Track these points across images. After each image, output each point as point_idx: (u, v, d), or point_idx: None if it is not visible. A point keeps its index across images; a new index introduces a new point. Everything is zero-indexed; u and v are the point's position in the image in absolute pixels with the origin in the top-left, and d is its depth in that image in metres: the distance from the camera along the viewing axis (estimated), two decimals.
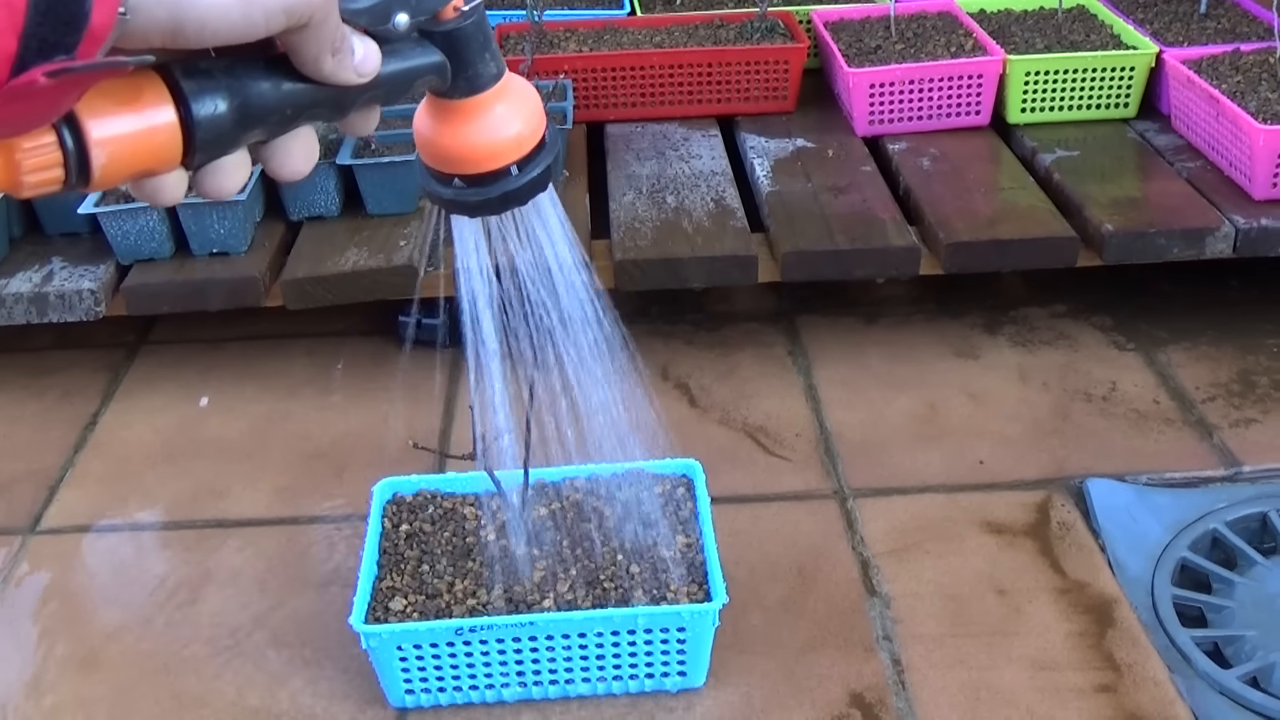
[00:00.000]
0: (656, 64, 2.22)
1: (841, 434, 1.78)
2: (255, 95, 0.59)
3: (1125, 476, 1.67)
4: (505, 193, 0.73)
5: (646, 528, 1.40)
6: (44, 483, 1.74)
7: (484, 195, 0.73)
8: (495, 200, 0.73)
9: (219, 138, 0.58)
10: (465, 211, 0.75)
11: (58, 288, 1.78)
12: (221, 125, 0.58)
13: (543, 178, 0.74)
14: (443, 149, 0.72)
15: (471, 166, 0.72)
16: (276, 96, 0.60)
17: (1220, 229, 1.83)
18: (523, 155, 0.73)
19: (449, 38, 0.67)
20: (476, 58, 0.68)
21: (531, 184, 0.74)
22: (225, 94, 0.57)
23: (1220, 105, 1.94)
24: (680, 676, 1.35)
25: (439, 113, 0.71)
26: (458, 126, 0.71)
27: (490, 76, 0.70)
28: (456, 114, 0.70)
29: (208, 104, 0.57)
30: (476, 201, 0.73)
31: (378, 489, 1.45)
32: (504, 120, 0.71)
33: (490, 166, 0.72)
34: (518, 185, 0.73)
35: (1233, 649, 1.41)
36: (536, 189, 0.74)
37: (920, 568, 1.53)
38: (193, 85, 0.56)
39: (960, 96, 2.15)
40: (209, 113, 0.57)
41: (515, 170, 0.73)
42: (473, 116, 0.70)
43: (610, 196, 1.99)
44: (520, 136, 0.72)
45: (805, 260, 1.84)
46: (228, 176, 0.61)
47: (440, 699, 1.34)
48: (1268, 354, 1.93)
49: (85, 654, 1.45)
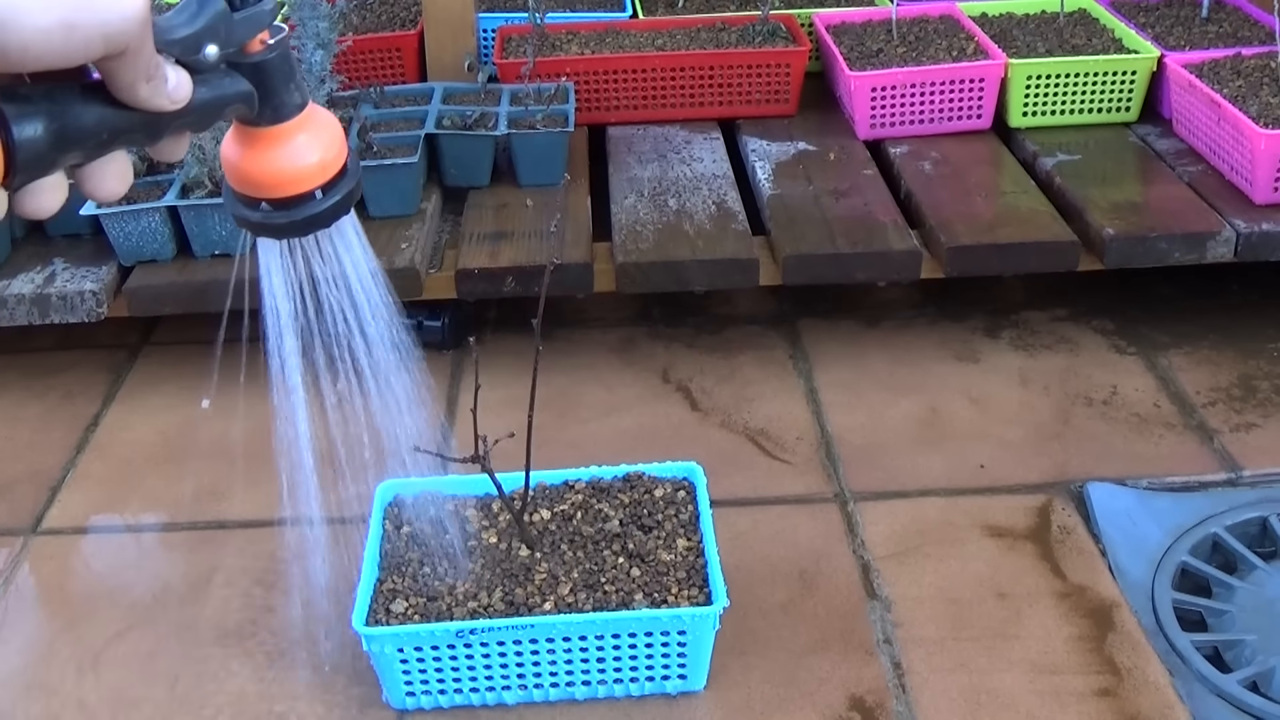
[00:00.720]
0: (658, 67, 2.22)
1: (842, 437, 1.78)
2: (73, 120, 0.61)
3: (1126, 480, 1.67)
4: (309, 216, 0.77)
5: (647, 530, 1.40)
6: (45, 484, 1.74)
7: (290, 218, 0.77)
8: (300, 223, 0.77)
9: (37, 159, 0.60)
10: (271, 234, 0.80)
11: (60, 289, 1.78)
12: (39, 148, 0.60)
13: (346, 201, 0.79)
14: (250, 174, 0.75)
15: (278, 191, 0.76)
16: (93, 121, 0.62)
17: (1221, 233, 1.83)
18: (326, 180, 0.77)
19: (256, 69, 0.71)
20: (282, 88, 0.73)
21: (335, 207, 0.78)
22: (44, 118, 0.60)
23: (1221, 109, 1.94)
24: (680, 679, 1.35)
25: (246, 140, 0.74)
26: (264, 152, 0.74)
27: (294, 106, 0.74)
28: (263, 141, 0.74)
29: (27, 127, 0.59)
30: (283, 224, 0.77)
31: (379, 491, 1.45)
32: (307, 147, 0.75)
33: (295, 191, 0.76)
34: (322, 208, 0.77)
35: (1233, 653, 1.41)
36: (339, 212, 0.79)
37: (921, 571, 1.53)
38: (13, 109, 0.59)
39: (962, 100, 2.16)
40: (28, 135, 0.59)
41: (320, 194, 0.77)
42: (278, 143, 0.74)
43: (612, 199, 2.00)
44: (323, 162, 0.76)
45: (806, 263, 1.84)
46: (45, 197, 0.63)
47: (441, 701, 1.34)
48: (1268, 358, 1.93)
49: (86, 655, 1.45)
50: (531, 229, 1.91)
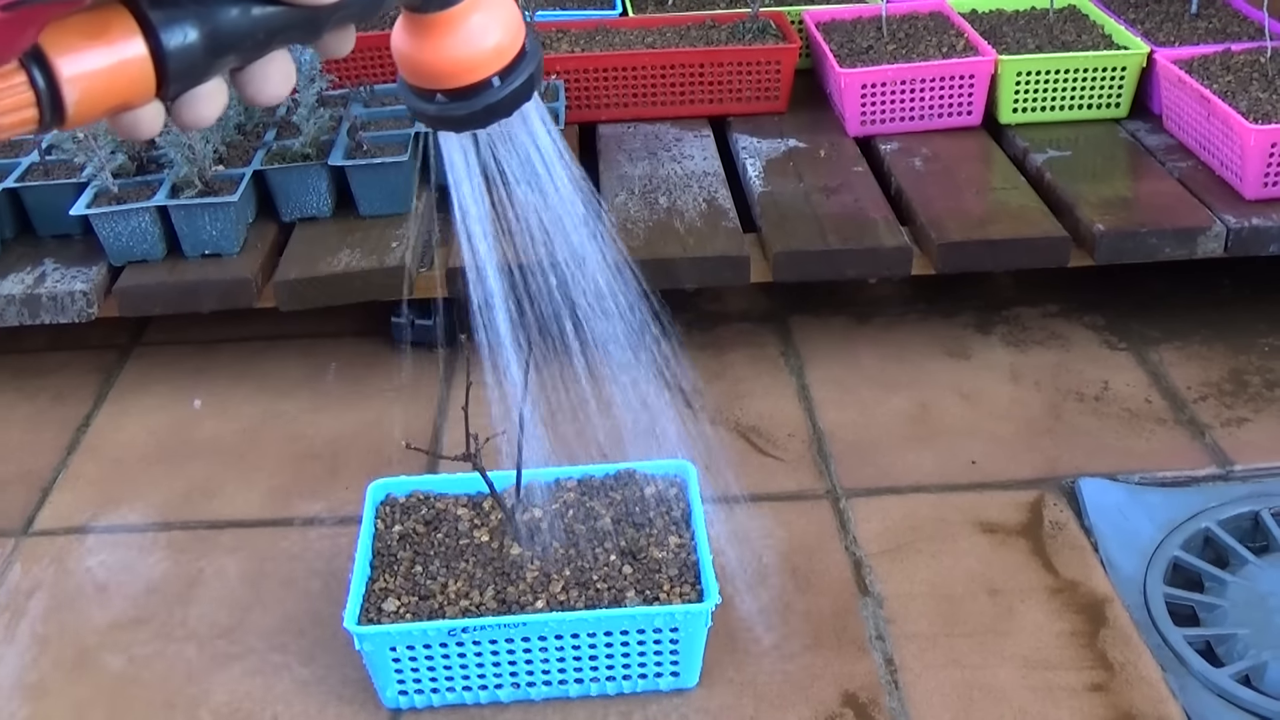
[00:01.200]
0: (648, 65, 2.22)
1: (834, 434, 1.78)
2: (225, 21, 0.58)
3: (1117, 476, 1.67)
4: (489, 104, 0.72)
5: (639, 528, 1.40)
6: (36, 484, 1.74)
7: (468, 109, 0.72)
8: (480, 113, 0.72)
9: (191, 67, 0.57)
10: (451, 126, 0.74)
11: (50, 289, 1.78)
12: (193, 54, 0.57)
13: (526, 87, 0.73)
14: (422, 65, 0.70)
15: (453, 80, 0.71)
16: (247, 21, 0.59)
17: (1211, 229, 1.83)
18: (504, 66, 0.71)
19: None
20: None
21: (515, 94, 0.73)
22: (194, 22, 0.57)
23: (1211, 105, 1.94)
24: (673, 677, 1.35)
25: (416, 28, 0.70)
26: (435, 41, 0.69)
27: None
28: (433, 28, 0.69)
29: (177, 34, 0.56)
30: (461, 116, 0.72)
31: (371, 490, 1.45)
32: (482, 31, 0.70)
33: (472, 79, 0.71)
34: (501, 96, 0.72)
35: (1225, 648, 1.41)
36: (521, 99, 0.73)
37: (913, 567, 1.53)
38: (160, 15, 0.56)
39: (952, 97, 2.16)
40: (179, 42, 0.56)
41: (498, 81, 0.71)
42: (450, 29, 0.69)
43: (602, 197, 1.99)
44: (500, 46, 0.71)
45: (797, 260, 1.84)
46: (205, 105, 0.60)
47: (434, 700, 1.34)
48: (1259, 353, 1.94)
49: (78, 656, 1.45)
50: None
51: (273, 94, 0.63)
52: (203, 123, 0.61)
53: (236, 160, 1.93)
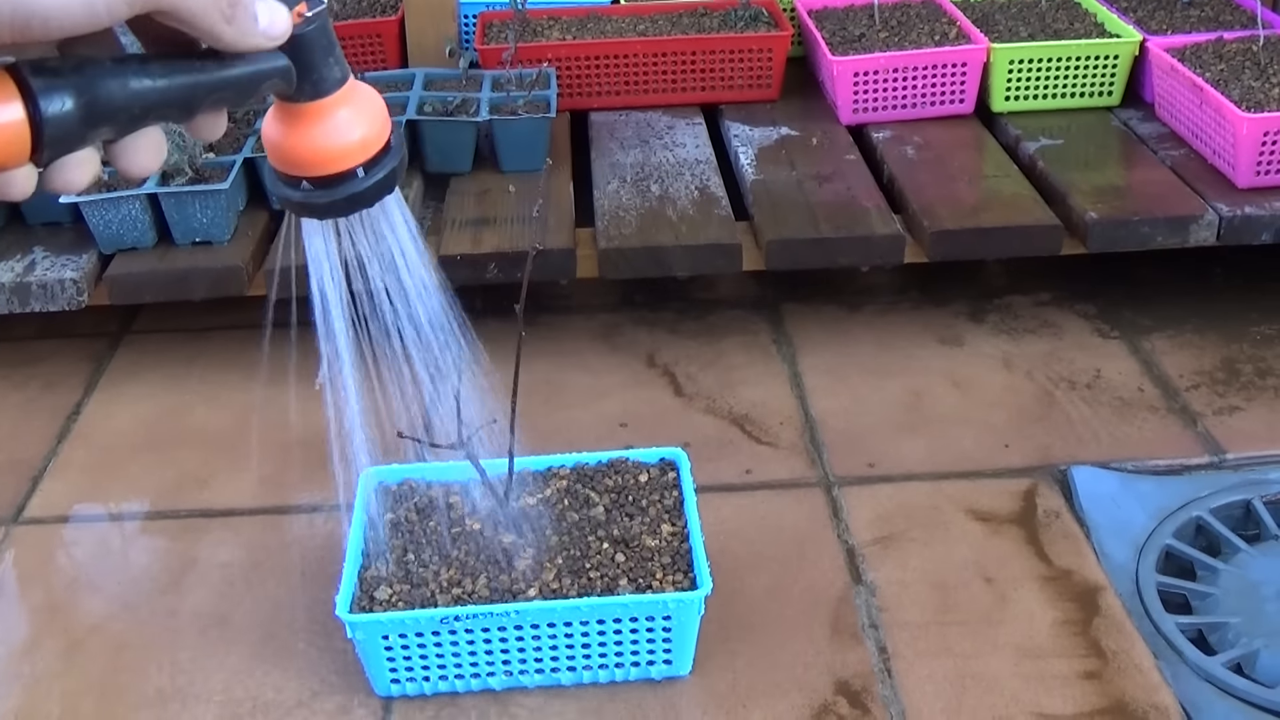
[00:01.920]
0: (640, 52, 2.22)
1: (826, 422, 1.78)
2: (103, 94, 0.59)
3: (1110, 464, 1.67)
4: (351, 194, 0.75)
5: (631, 516, 1.40)
6: (27, 473, 1.73)
7: (331, 197, 0.75)
8: (342, 202, 0.75)
9: (66, 135, 0.59)
10: (314, 214, 0.77)
11: (40, 277, 1.77)
12: (69, 123, 0.58)
13: (389, 179, 0.76)
14: (290, 152, 0.73)
15: (318, 169, 0.73)
16: (124, 95, 0.60)
17: (1204, 217, 1.83)
18: (369, 158, 0.74)
19: (294, 42, 0.68)
20: (321, 62, 0.70)
21: (378, 185, 0.75)
22: (73, 92, 0.58)
23: (1204, 93, 1.94)
24: (666, 665, 1.35)
25: (286, 117, 0.72)
26: (304, 130, 0.72)
27: (335, 81, 0.71)
28: (302, 117, 0.72)
29: (56, 101, 0.57)
30: (324, 203, 0.75)
31: (362, 478, 1.45)
32: (349, 123, 0.73)
33: (336, 169, 0.73)
34: (364, 187, 0.75)
35: (1217, 635, 1.42)
36: (383, 191, 0.76)
37: (906, 555, 1.53)
38: (40, 83, 0.57)
39: (944, 85, 2.15)
40: (57, 110, 0.57)
41: (362, 172, 0.74)
42: (318, 120, 0.72)
43: (594, 185, 1.99)
44: (365, 139, 0.74)
45: (789, 248, 1.84)
46: (76, 172, 0.62)
47: (426, 688, 1.34)
48: (1251, 341, 1.94)
49: (69, 644, 1.44)
50: (514, 215, 1.91)
51: (143, 166, 0.65)
52: (72, 189, 0.63)
53: (227, 148, 1.93)
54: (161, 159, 0.66)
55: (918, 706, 1.33)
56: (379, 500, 1.44)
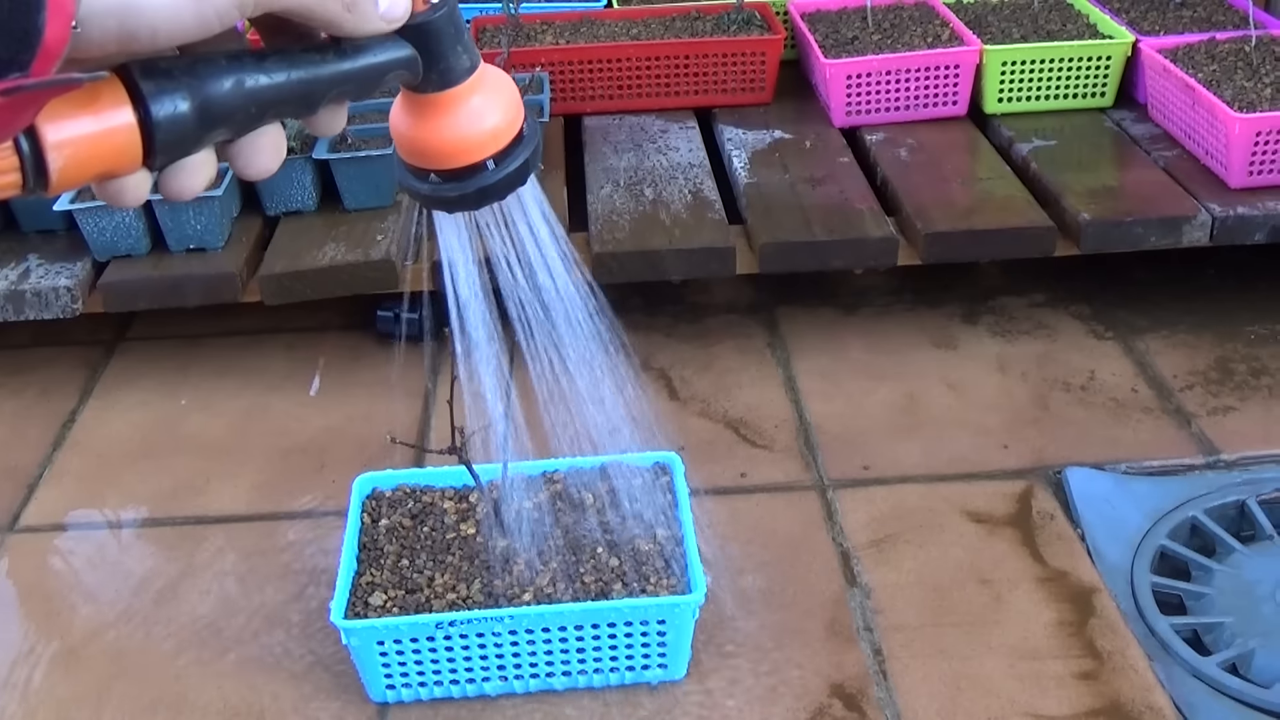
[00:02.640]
0: (633, 56, 2.22)
1: (821, 425, 1.78)
2: (217, 94, 0.57)
3: (1104, 465, 1.67)
4: (482, 187, 0.72)
5: (626, 520, 1.40)
6: (22, 481, 1.73)
7: (461, 190, 0.72)
8: (472, 195, 0.72)
9: (180, 138, 0.57)
10: (443, 207, 0.74)
11: (34, 285, 1.77)
12: (183, 125, 0.56)
13: (521, 171, 0.73)
14: (417, 144, 0.70)
15: (447, 161, 0.70)
16: (240, 95, 0.58)
17: (1197, 217, 1.83)
18: (499, 149, 0.71)
19: (419, 31, 0.65)
20: (448, 51, 0.67)
21: (509, 178, 0.72)
22: (185, 93, 0.56)
23: (1196, 94, 1.94)
24: (661, 669, 1.35)
25: (412, 107, 0.69)
26: (432, 121, 0.69)
27: (463, 70, 0.68)
28: (430, 108, 0.69)
29: (167, 104, 0.55)
30: (454, 197, 0.72)
31: (357, 484, 1.45)
32: (479, 114, 0.69)
33: (466, 161, 0.70)
34: (494, 180, 0.72)
35: (1211, 636, 1.42)
36: (515, 183, 0.73)
37: (900, 558, 1.53)
38: (151, 86, 0.55)
39: (937, 87, 2.15)
40: (168, 113, 0.55)
41: (492, 165, 0.71)
42: (447, 111, 0.69)
43: (588, 189, 1.99)
44: (496, 130, 0.70)
45: (783, 251, 1.84)
46: (191, 177, 0.59)
47: (421, 694, 1.34)
48: (1245, 342, 1.94)
49: (64, 652, 1.44)
50: None
51: (262, 167, 0.63)
52: (189, 194, 0.60)
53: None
54: (281, 158, 0.63)
55: (913, 708, 1.33)
56: (374, 506, 1.44)
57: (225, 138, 0.60)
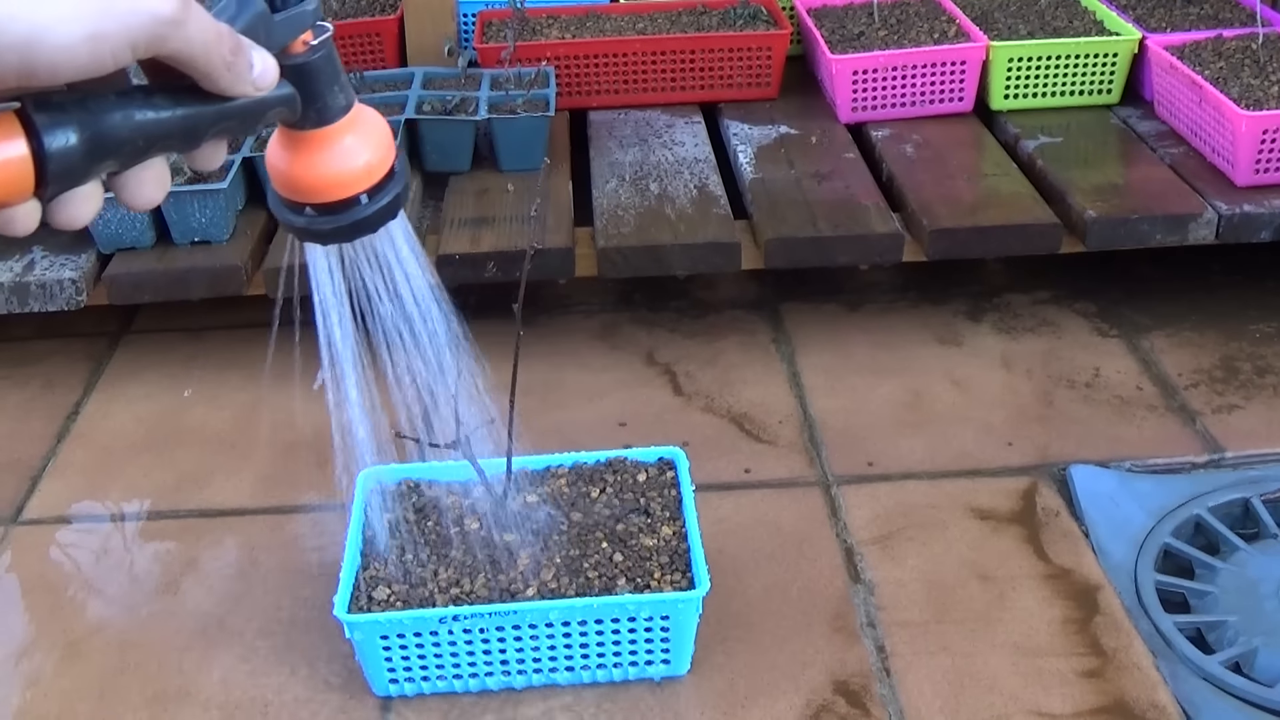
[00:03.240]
0: (639, 51, 2.21)
1: (825, 421, 1.78)
2: (107, 128, 0.59)
3: (1109, 463, 1.67)
4: (355, 221, 0.75)
5: (630, 515, 1.40)
6: (26, 473, 1.74)
7: (335, 223, 0.75)
8: (346, 228, 0.75)
9: (70, 169, 0.59)
10: (317, 239, 0.77)
11: (39, 277, 1.77)
12: (73, 157, 0.58)
13: (392, 205, 0.76)
14: (294, 178, 0.73)
15: (322, 195, 0.73)
16: (128, 129, 0.60)
17: (1203, 215, 1.83)
18: (373, 184, 0.74)
19: (298, 71, 0.68)
20: (325, 90, 0.70)
21: (381, 212, 0.75)
22: (77, 127, 0.58)
23: (1203, 91, 1.94)
24: (664, 664, 1.35)
25: (290, 143, 0.72)
26: (308, 156, 0.72)
27: (339, 108, 0.71)
28: (307, 144, 0.72)
29: (59, 137, 0.57)
30: (328, 230, 0.75)
31: (361, 478, 1.45)
32: (353, 150, 0.73)
33: (340, 195, 0.73)
34: (368, 214, 0.75)
35: (1215, 634, 1.42)
36: (386, 217, 0.76)
37: (904, 554, 1.53)
38: (45, 119, 0.57)
39: (943, 83, 2.15)
40: (60, 145, 0.57)
41: (365, 199, 0.74)
42: (322, 147, 0.72)
43: (593, 184, 1.99)
44: (369, 166, 0.74)
45: (788, 247, 1.84)
46: (80, 207, 0.62)
47: (424, 688, 1.34)
48: (1250, 340, 1.94)
49: (68, 646, 1.44)
50: (512, 214, 1.91)
51: (147, 199, 0.65)
52: (77, 224, 0.62)
53: None
54: (165, 191, 0.66)
55: (916, 706, 1.33)
56: (377, 500, 1.44)
57: (113, 169, 0.62)
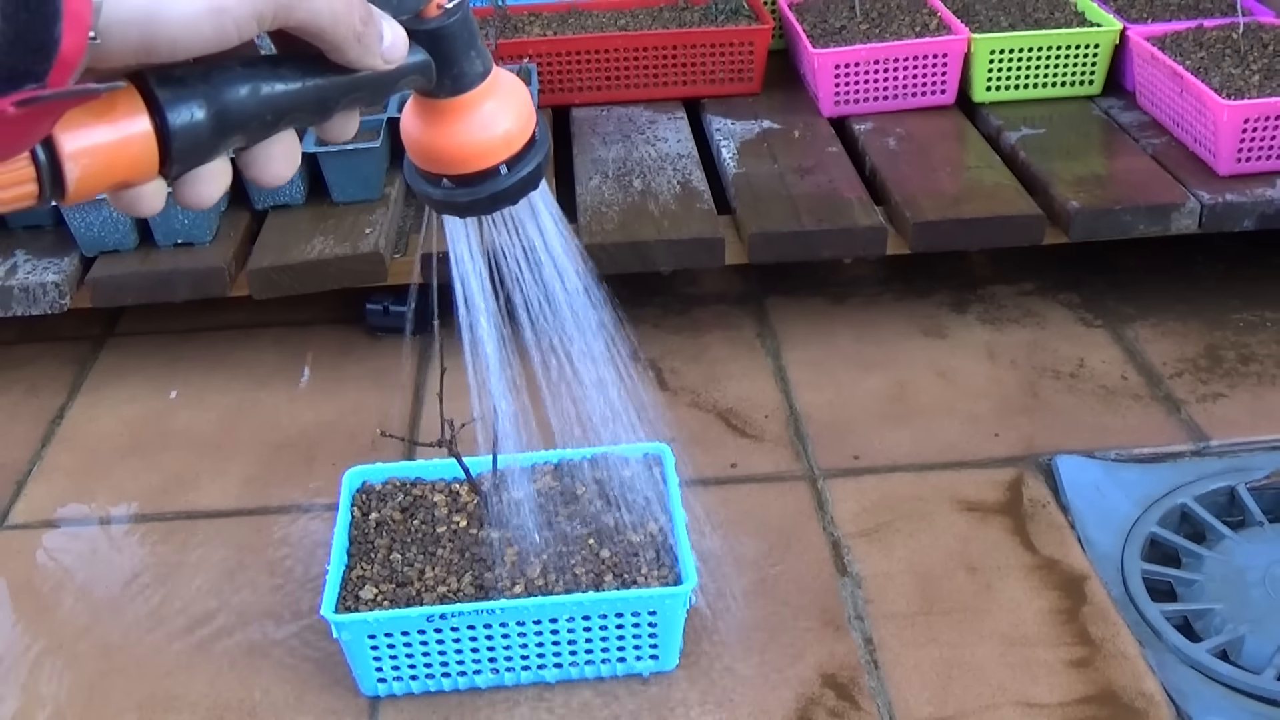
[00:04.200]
0: (621, 47, 2.21)
1: (811, 415, 1.78)
2: (233, 102, 0.57)
3: (1094, 453, 1.67)
4: (495, 193, 0.72)
5: (616, 511, 1.40)
6: (11, 477, 1.73)
7: (473, 195, 0.72)
8: (485, 200, 0.72)
9: (196, 147, 0.56)
10: (455, 212, 0.74)
11: (21, 281, 1.76)
12: (199, 134, 0.56)
13: (533, 176, 0.73)
14: (430, 149, 0.70)
15: (460, 166, 0.70)
16: (255, 102, 0.58)
17: (1185, 205, 1.83)
18: (512, 154, 0.71)
19: (433, 36, 0.65)
20: (462, 56, 0.67)
21: (522, 183, 0.72)
22: (202, 102, 0.56)
23: (1184, 81, 1.94)
24: (652, 660, 1.35)
25: (425, 112, 0.69)
26: (445, 126, 0.69)
27: (476, 75, 0.68)
28: (443, 113, 0.69)
29: (184, 113, 0.55)
30: (466, 202, 0.72)
31: (347, 477, 1.45)
32: (492, 119, 0.69)
33: (479, 166, 0.70)
34: (507, 185, 0.72)
35: (1202, 622, 1.42)
36: (527, 188, 0.73)
37: (891, 547, 1.53)
38: (168, 94, 0.55)
39: (925, 76, 2.15)
40: (185, 121, 0.55)
41: (505, 170, 0.71)
42: (460, 116, 0.69)
43: (576, 180, 1.99)
44: (509, 135, 0.70)
45: (772, 242, 1.84)
46: (207, 185, 0.59)
47: (413, 686, 1.34)
48: (1234, 329, 1.94)
49: (55, 649, 1.44)
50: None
51: (276, 174, 0.63)
52: (204, 202, 0.60)
53: None
54: (296, 165, 0.63)
55: (904, 697, 1.33)
56: (363, 500, 1.44)
57: (240, 145, 0.60)
